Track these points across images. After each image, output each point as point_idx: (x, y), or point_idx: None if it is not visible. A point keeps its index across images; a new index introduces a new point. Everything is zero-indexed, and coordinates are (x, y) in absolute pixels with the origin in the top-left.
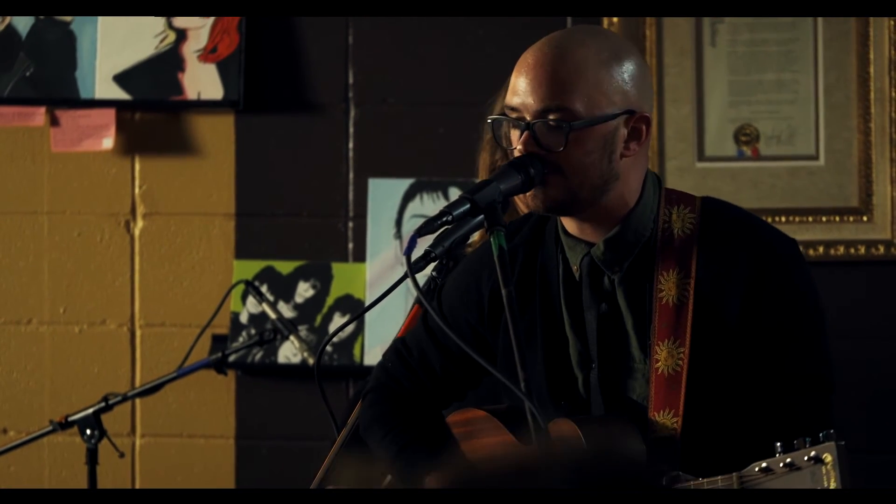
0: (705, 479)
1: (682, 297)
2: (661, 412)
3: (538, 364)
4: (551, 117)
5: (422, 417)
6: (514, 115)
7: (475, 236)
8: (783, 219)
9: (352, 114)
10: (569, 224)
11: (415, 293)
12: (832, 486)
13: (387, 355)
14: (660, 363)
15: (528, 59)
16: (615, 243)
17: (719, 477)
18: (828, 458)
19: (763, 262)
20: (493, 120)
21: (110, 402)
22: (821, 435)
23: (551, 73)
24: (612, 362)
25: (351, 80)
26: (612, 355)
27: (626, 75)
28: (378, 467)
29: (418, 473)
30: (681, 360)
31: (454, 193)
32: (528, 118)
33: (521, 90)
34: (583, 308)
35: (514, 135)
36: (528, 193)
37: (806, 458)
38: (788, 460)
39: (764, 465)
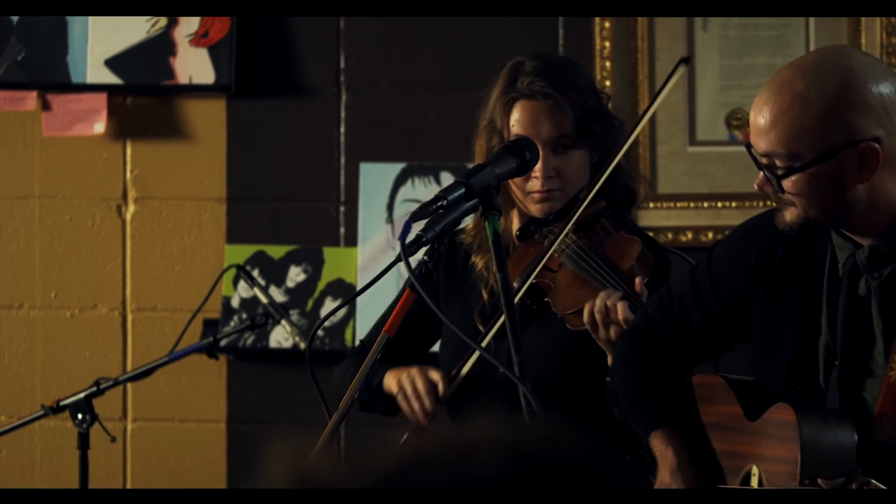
0: None
1: None
2: (885, 417)
3: (786, 345)
4: (774, 162)
5: (667, 370)
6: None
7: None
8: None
9: (343, 98)
10: None
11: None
12: None
13: (650, 302)
14: (894, 373)
15: (760, 97)
16: (879, 250)
17: None
18: None
19: None
20: (748, 146)
21: (102, 386)
22: None
23: (774, 118)
24: (854, 362)
25: (343, 65)
26: (856, 356)
27: (857, 105)
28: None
29: (643, 426)
30: None
31: (446, 178)
32: (760, 159)
33: (753, 127)
34: (838, 304)
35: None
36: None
37: None
38: None
39: None
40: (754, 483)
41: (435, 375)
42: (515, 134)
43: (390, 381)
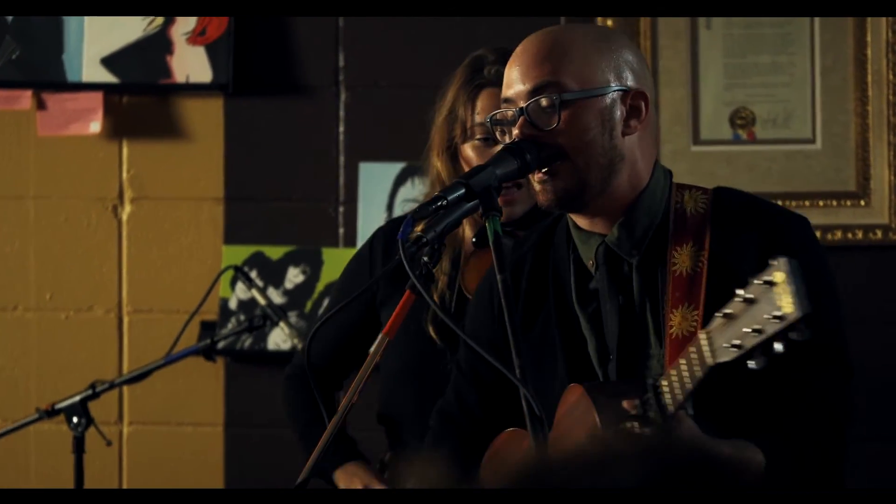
0: (679, 356)
1: (695, 267)
2: (673, 367)
3: (560, 366)
4: (543, 98)
5: (473, 456)
6: (510, 108)
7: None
8: (780, 203)
9: (342, 97)
10: (580, 220)
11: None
12: (787, 303)
13: (443, 397)
14: (674, 328)
15: (516, 50)
16: (630, 225)
17: (689, 345)
18: (779, 276)
19: (776, 235)
20: (492, 117)
21: (97, 389)
22: (770, 261)
23: (538, 54)
24: (629, 353)
25: (342, 63)
26: (629, 346)
27: (618, 57)
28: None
29: None
30: (694, 322)
31: None
32: (522, 104)
33: (512, 80)
34: (598, 302)
35: (513, 128)
36: (537, 189)
37: (760, 283)
38: (747, 296)
39: (727, 310)
40: None
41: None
42: (479, 123)
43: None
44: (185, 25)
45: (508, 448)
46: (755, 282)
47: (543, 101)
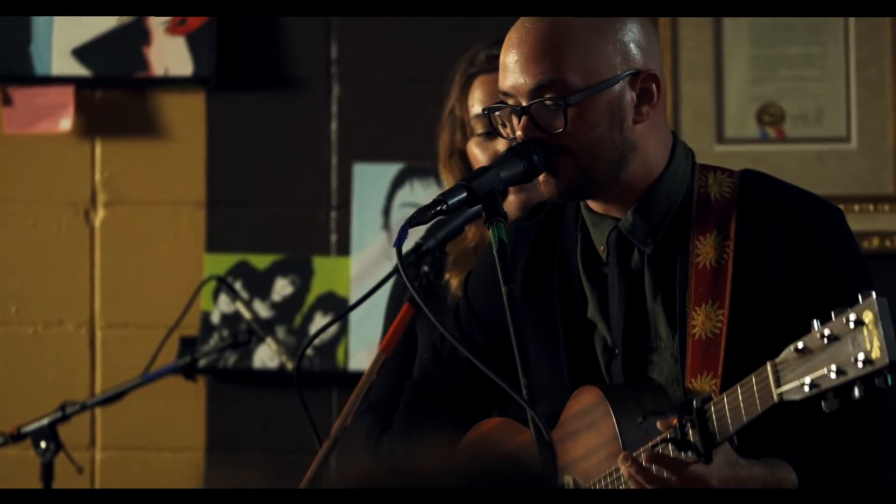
0: (739, 384)
1: (720, 259)
2: (699, 377)
3: (560, 349)
4: (547, 96)
5: (444, 422)
6: (509, 101)
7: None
8: None
9: (335, 92)
10: (593, 203)
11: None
12: (875, 346)
13: (426, 347)
14: (697, 328)
15: (512, 36)
16: (646, 211)
17: (752, 375)
18: (868, 316)
19: (807, 229)
20: (489, 109)
21: (67, 411)
22: (859, 296)
23: (539, 46)
24: (636, 347)
25: (334, 55)
26: (636, 340)
27: (623, 36)
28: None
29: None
30: (720, 323)
31: None
32: (523, 101)
33: (510, 70)
34: (607, 290)
35: (514, 121)
36: (541, 181)
37: (845, 321)
38: (827, 332)
39: (801, 345)
40: None
41: None
42: (476, 115)
43: None
44: None
45: (497, 437)
46: (839, 318)
47: (548, 102)
